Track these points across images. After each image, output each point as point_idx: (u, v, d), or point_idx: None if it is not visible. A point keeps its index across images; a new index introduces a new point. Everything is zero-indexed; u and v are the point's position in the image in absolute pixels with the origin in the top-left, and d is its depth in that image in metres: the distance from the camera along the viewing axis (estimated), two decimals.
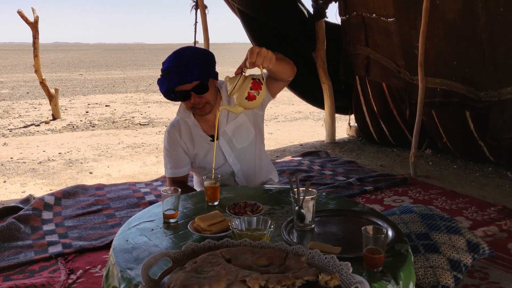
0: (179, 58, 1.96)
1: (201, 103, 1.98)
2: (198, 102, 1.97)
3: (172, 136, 2.15)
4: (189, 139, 2.14)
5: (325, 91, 5.44)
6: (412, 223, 2.32)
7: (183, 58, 1.95)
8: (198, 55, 2.00)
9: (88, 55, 42.35)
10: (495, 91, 3.92)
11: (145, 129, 7.05)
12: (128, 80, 16.52)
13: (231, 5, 5.10)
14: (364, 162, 4.70)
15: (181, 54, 1.98)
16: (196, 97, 1.96)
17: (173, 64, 1.94)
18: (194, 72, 1.92)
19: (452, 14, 4.04)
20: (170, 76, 1.93)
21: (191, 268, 1.12)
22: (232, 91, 1.58)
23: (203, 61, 1.98)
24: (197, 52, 2.01)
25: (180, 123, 2.15)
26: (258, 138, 2.22)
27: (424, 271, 2.06)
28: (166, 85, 1.96)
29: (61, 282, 2.25)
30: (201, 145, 2.14)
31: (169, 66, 1.94)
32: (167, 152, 2.17)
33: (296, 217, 1.49)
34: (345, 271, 1.11)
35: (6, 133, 6.57)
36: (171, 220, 1.58)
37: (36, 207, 3.19)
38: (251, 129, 2.17)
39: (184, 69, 1.92)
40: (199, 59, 1.97)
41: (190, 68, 1.92)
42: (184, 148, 2.16)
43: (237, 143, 2.14)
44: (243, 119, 2.14)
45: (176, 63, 1.94)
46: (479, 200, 3.45)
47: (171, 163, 2.16)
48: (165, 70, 1.96)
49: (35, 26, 7.31)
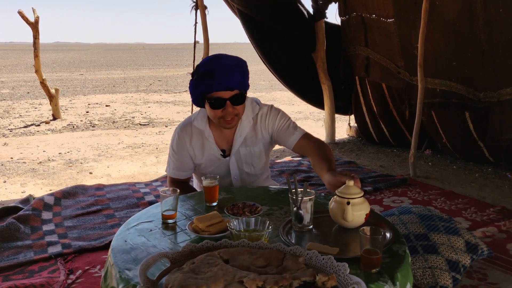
0: (224, 62, 1.85)
1: (232, 115, 1.88)
2: (230, 112, 1.86)
3: (182, 139, 2.04)
4: (199, 148, 2.05)
5: (325, 91, 5.44)
6: (411, 224, 2.32)
7: (228, 63, 1.84)
8: (241, 64, 1.89)
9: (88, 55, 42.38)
10: (494, 92, 3.92)
11: (145, 129, 7.06)
12: (128, 80, 16.53)
13: (231, 6, 5.10)
14: (364, 163, 4.70)
15: (224, 59, 1.87)
16: (230, 107, 1.85)
17: (216, 67, 1.82)
18: (237, 79, 1.83)
19: (452, 15, 4.04)
20: (212, 79, 1.81)
21: (189, 268, 1.12)
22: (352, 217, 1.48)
23: (244, 69, 1.90)
24: (239, 60, 1.90)
25: (193, 129, 2.04)
26: (267, 165, 2.19)
27: (423, 272, 2.07)
28: (203, 88, 1.85)
29: (60, 282, 2.26)
30: (210, 157, 2.06)
31: (211, 69, 1.83)
32: (173, 153, 2.09)
33: (294, 218, 1.49)
34: (342, 272, 1.12)
35: (6, 133, 6.58)
36: (170, 221, 1.59)
37: (35, 207, 3.19)
38: (263, 158, 2.11)
39: (229, 75, 1.81)
40: (242, 68, 1.88)
41: (235, 75, 1.83)
42: (191, 154, 2.06)
43: (246, 167, 2.08)
44: (259, 149, 2.07)
45: (220, 67, 1.82)
46: (479, 201, 3.45)
47: (175, 163, 2.09)
48: (204, 73, 1.84)
49: (35, 26, 7.32)
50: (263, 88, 13.34)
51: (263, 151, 2.10)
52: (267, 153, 2.15)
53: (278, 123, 2.03)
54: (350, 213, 1.46)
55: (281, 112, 2.08)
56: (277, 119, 2.04)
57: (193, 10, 4.56)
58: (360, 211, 1.48)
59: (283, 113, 2.08)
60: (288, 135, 2.01)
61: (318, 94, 5.54)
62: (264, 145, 2.09)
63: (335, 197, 1.52)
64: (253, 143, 2.05)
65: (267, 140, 2.08)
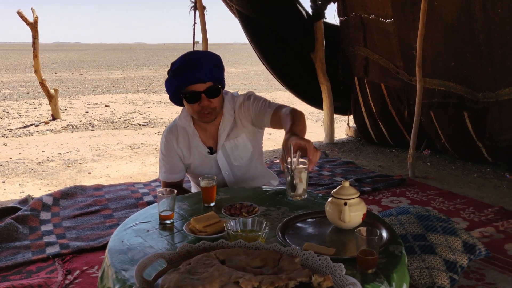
0: (193, 57, 1.91)
1: (208, 108, 1.92)
2: (206, 106, 1.91)
3: (169, 141, 2.09)
4: (186, 147, 2.09)
5: (323, 91, 5.44)
6: (409, 224, 2.33)
7: (198, 57, 1.91)
8: (212, 57, 1.96)
9: (88, 55, 42.37)
10: (493, 92, 3.92)
11: (144, 129, 7.06)
12: (128, 80, 16.53)
13: (229, 6, 5.11)
14: (363, 163, 4.70)
15: (195, 54, 1.93)
16: (206, 100, 1.90)
17: (187, 62, 1.88)
18: (210, 72, 1.87)
19: (450, 16, 4.05)
20: (183, 73, 1.86)
21: (185, 269, 1.12)
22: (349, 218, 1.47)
23: (217, 63, 1.94)
24: (211, 54, 1.97)
25: (179, 130, 2.10)
26: (256, 154, 2.18)
27: (420, 272, 2.07)
28: (176, 83, 1.90)
29: (58, 283, 2.26)
30: (198, 155, 2.09)
31: (183, 64, 1.88)
32: (163, 156, 2.13)
33: (288, 186, 1.48)
34: (338, 273, 1.12)
35: (5, 133, 6.58)
36: (167, 221, 1.59)
37: (34, 207, 3.19)
38: (249, 147, 2.12)
39: (199, 68, 1.86)
40: (214, 60, 1.93)
41: (206, 67, 1.87)
42: (180, 155, 2.10)
43: (234, 160, 2.10)
44: (243, 139, 2.09)
45: (190, 61, 1.88)
46: (477, 201, 3.45)
47: (166, 167, 2.12)
48: (176, 69, 1.89)
49: (34, 27, 7.32)
50: (262, 88, 13.34)
51: (248, 141, 2.10)
52: (254, 142, 2.14)
53: (253, 108, 2.04)
54: (347, 214, 1.46)
55: (254, 95, 2.08)
56: (251, 105, 2.04)
57: (192, 10, 4.57)
58: (357, 211, 1.48)
59: (256, 96, 2.08)
60: (263, 115, 2.01)
61: (317, 94, 5.54)
62: (247, 134, 2.09)
63: (331, 198, 1.53)
64: (236, 134, 2.07)
65: (249, 128, 2.08)
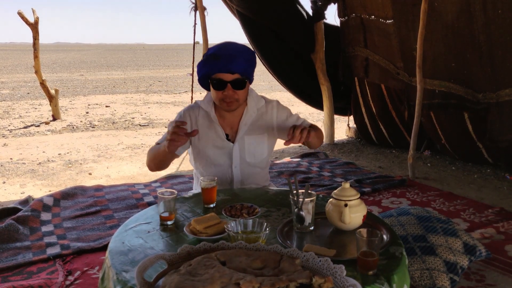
0: (231, 47, 1.96)
1: (232, 98, 1.96)
2: (230, 95, 1.95)
3: (186, 117, 2.09)
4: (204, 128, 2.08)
5: (324, 92, 5.45)
6: (409, 225, 2.32)
7: (235, 49, 1.96)
8: (248, 51, 2.00)
9: (89, 56, 42.39)
10: (493, 93, 3.92)
11: (144, 130, 7.06)
12: (128, 80, 16.54)
13: (230, 7, 5.11)
14: (363, 164, 4.70)
15: (232, 45, 1.99)
16: (230, 90, 1.94)
17: (222, 51, 1.93)
18: (241, 65, 1.92)
19: (450, 16, 4.05)
20: (216, 61, 1.92)
21: (185, 270, 1.12)
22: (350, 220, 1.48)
23: (250, 58, 1.99)
24: (246, 49, 2.01)
25: (200, 110, 2.11)
26: (266, 161, 2.21)
27: (420, 273, 2.07)
28: (207, 69, 1.95)
29: (59, 284, 2.26)
30: (214, 139, 2.08)
31: (218, 52, 1.94)
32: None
33: (296, 219, 1.49)
34: (338, 274, 1.12)
35: (6, 134, 6.58)
36: (168, 222, 1.59)
37: (34, 208, 3.19)
38: (265, 149, 2.14)
39: (232, 59, 1.91)
40: (248, 56, 1.98)
41: (238, 60, 1.92)
42: None
43: (248, 157, 2.10)
44: (262, 139, 2.11)
45: (226, 51, 1.93)
46: (477, 202, 3.45)
47: None
48: (212, 55, 1.94)
49: (35, 27, 7.32)
50: (263, 88, 13.33)
51: (266, 143, 2.14)
52: (270, 149, 2.18)
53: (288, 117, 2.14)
54: (348, 215, 1.46)
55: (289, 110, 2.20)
56: (286, 114, 2.15)
57: (193, 11, 4.58)
58: (357, 212, 1.48)
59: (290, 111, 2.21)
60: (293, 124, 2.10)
61: (317, 95, 5.54)
62: (267, 138, 2.14)
63: (331, 199, 1.53)
64: (258, 130, 2.11)
65: (271, 131, 2.14)
